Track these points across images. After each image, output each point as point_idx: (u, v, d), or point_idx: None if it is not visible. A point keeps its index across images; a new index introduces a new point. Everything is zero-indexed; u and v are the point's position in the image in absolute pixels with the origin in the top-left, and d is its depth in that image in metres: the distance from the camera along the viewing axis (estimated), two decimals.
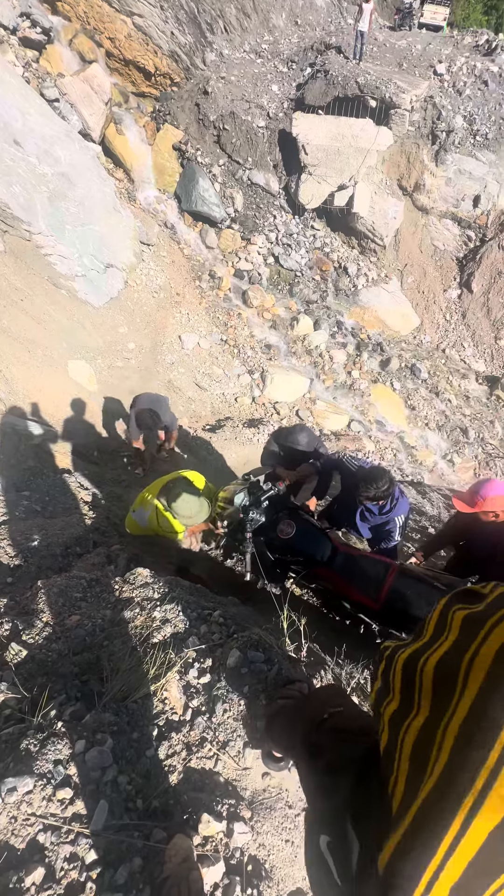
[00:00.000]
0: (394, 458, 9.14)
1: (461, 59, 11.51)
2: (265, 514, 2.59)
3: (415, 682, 0.57)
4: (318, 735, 1.01)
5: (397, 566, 2.35)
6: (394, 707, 0.61)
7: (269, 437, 3.29)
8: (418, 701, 0.55)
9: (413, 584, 2.24)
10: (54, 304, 7.17)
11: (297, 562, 2.56)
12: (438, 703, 0.52)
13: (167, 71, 10.88)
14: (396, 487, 2.57)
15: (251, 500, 2.61)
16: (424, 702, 0.54)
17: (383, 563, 2.40)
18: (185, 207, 10.85)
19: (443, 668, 0.53)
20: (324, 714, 1.05)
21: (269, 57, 12.24)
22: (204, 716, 1.58)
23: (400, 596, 2.20)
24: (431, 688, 0.54)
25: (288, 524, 2.56)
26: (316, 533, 2.58)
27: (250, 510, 2.56)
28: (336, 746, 0.93)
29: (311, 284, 11.17)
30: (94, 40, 10.08)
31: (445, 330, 11.43)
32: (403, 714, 0.57)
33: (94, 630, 1.98)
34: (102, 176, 8.82)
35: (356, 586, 2.34)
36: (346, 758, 0.85)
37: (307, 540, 2.53)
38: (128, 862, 1.15)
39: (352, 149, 10.44)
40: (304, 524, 2.60)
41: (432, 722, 0.51)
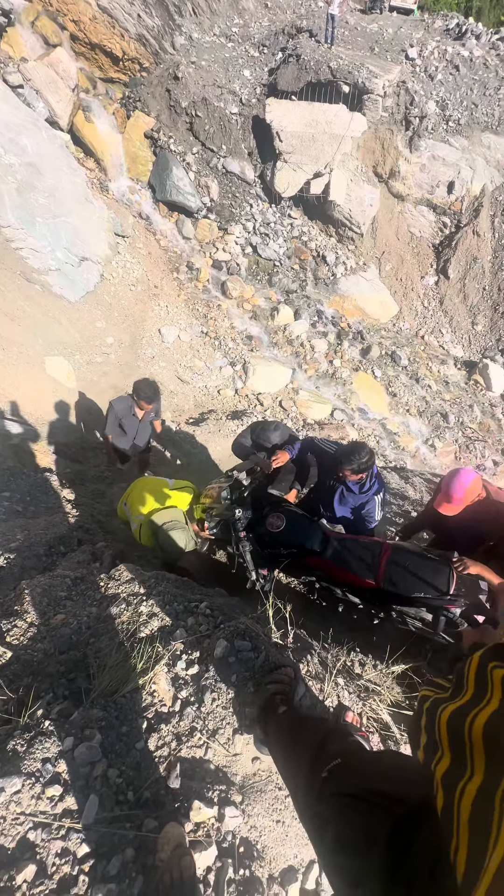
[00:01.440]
0: (377, 445, 9.25)
1: (432, 43, 11.49)
2: (250, 510, 2.58)
3: (464, 742, 0.56)
4: (318, 804, 0.92)
5: (389, 544, 2.39)
6: (445, 765, 0.59)
7: (245, 429, 3.28)
8: (471, 763, 0.54)
9: (408, 557, 2.27)
10: (28, 300, 6.98)
11: (289, 554, 2.55)
12: (493, 766, 0.51)
13: (135, 55, 10.57)
14: (375, 466, 2.60)
15: (235, 498, 2.59)
16: (478, 764, 0.53)
17: (375, 542, 2.43)
18: (160, 197, 10.63)
19: (493, 728, 0.52)
20: (321, 772, 0.96)
21: (240, 41, 12.00)
22: (193, 706, 1.59)
23: (397, 571, 2.23)
24: (483, 750, 0.53)
25: (277, 517, 2.54)
26: (306, 523, 2.58)
27: (236, 508, 2.55)
28: (343, 817, 0.84)
29: (291, 274, 11.12)
30: (58, 23, 9.71)
31: (424, 316, 11.55)
32: (456, 775, 0.55)
33: (79, 628, 1.96)
34: (72, 166, 8.57)
35: (352, 570, 2.35)
36: (361, 834, 0.76)
37: (298, 531, 2.52)
38: (120, 853, 1.16)
39: (326, 135, 10.36)
40: (293, 515, 2.60)
41: (489, 786, 0.50)
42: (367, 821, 0.78)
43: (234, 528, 2.55)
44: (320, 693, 1.65)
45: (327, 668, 1.78)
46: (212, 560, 3.09)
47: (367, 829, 0.76)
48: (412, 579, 2.18)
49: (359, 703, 1.69)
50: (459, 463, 9.65)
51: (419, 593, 2.14)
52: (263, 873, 1.24)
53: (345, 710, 1.60)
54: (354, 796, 0.85)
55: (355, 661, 1.98)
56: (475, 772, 0.53)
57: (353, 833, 0.78)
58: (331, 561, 2.40)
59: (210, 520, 2.60)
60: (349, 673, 1.84)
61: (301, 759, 1.07)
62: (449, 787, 0.56)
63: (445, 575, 2.10)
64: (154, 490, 2.96)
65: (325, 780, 0.93)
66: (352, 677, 1.83)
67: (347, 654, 1.97)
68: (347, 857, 0.77)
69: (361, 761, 1.04)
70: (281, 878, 1.26)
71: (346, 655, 1.92)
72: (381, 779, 0.95)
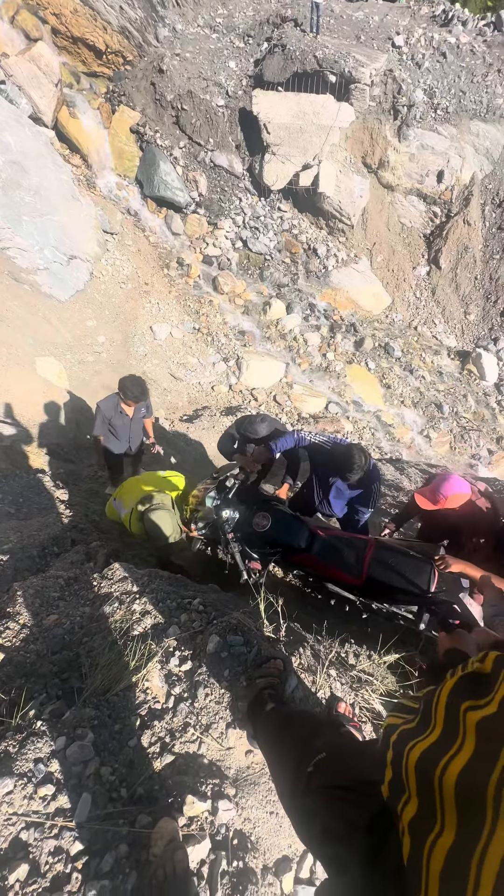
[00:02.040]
0: (372, 437, 9.27)
1: (419, 30, 11.37)
2: (238, 510, 2.61)
3: (434, 791, 0.53)
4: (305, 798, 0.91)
5: (374, 541, 2.42)
6: (412, 812, 0.57)
7: (232, 424, 3.28)
8: (441, 816, 0.52)
9: (391, 556, 2.31)
10: (17, 300, 6.92)
11: (275, 552, 2.57)
12: (466, 825, 0.48)
13: (119, 48, 10.42)
14: (371, 460, 2.62)
15: (221, 499, 2.61)
16: (448, 819, 0.50)
17: (360, 540, 2.47)
18: (148, 193, 10.53)
19: (466, 784, 0.49)
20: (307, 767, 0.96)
21: (225, 31, 11.84)
22: (186, 702, 1.60)
23: (380, 569, 2.27)
24: (455, 805, 0.50)
25: (263, 517, 2.58)
26: (291, 521, 2.61)
27: (223, 509, 2.56)
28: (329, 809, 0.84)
29: (282, 268, 11.06)
30: (38, 16, 9.54)
31: (416, 307, 11.53)
32: (425, 825, 0.53)
33: (72, 628, 1.97)
34: (58, 163, 8.45)
35: (337, 566, 2.39)
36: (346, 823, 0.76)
37: (283, 529, 2.55)
38: (113, 849, 1.17)
39: (314, 126, 10.27)
40: (279, 514, 2.63)
41: (462, 847, 0.48)
42: (353, 809, 0.77)
43: (222, 529, 2.58)
44: (313, 685, 1.65)
45: (320, 659, 1.79)
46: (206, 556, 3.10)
47: (351, 817, 0.76)
48: (394, 577, 2.21)
49: (351, 693, 1.70)
50: (455, 453, 9.69)
51: (401, 591, 2.18)
52: (257, 864, 1.25)
53: (337, 701, 1.60)
54: (341, 787, 0.85)
55: (349, 652, 1.99)
56: (445, 827, 0.50)
57: (340, 823, 0.78)
58: (317, 558, 2.44)
59: (197, 521, 2.61)
60: (342, 664, 1.85)
61: (288, 757, 1.07)
62: (417, 836, 0.54)
63: (427, 574, 2.15)
64: (143, 480, 2.97)
65: (311, 774, 0.93)
66: (345, 668, 1.84)
67: (341, 646, 1.98)
68: (335, 847, 0.78)
69: (347, 753, 1.04)
70: (275, 868, 1.27)
71: (339, 647, 1.92)
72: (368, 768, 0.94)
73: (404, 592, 2.18)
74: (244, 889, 1.18)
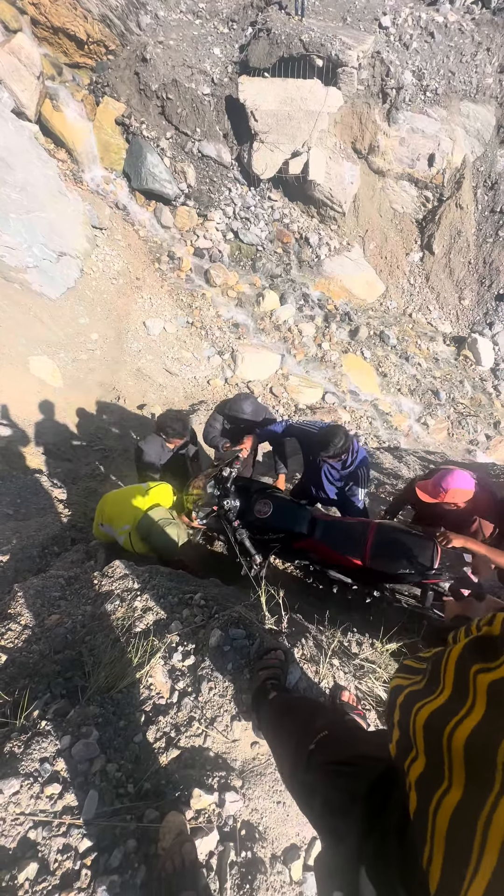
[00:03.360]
0: (369, 426, 9.26)
1: (406, 9, 11.15)
2: (238, 499, 2.62)
3: (442, 750, 0.53)
4: (306, 773, 0.92)
5: (375, 523, 2.43)
6: (419, 769, 0.57)
7: (213, 411, 3.25)
8: (448, 774, 0.52)
9: (393, 535, 2.33)
10: (7, 299, 6.84)
11: (279, 538, 2.58)
12: (473, 783, 0.49)
13: (100, 38, 10.20)
14: (354, 441, 2.63)
15: (220, 491, 2.62)
16: (457, 777, 0.51)
17: (361, 522, 2.48)
18: (136, 186, 10.37)
19: (476, 745, 0.50)
20: (309, 745, 0.96)
21: (208, 17, 11.59)
22: (190, 696, 1.60)
23: (383, 549, 2.28)
24: (463, 765, 0.51)
25: (264, 503, 2.59)
26: (293, 507, 2.62)
27: (223, 500, 2.57)
28: (330, 783, 0.85)
29: (274, 258, 10.95)
30: (17, 7, 9.32)
31: (410, 294, 11.46)
32: (432, 782, 0.54)
33: (74, 627, 1.96)
34: (43, 157, 8.31)
35: (340, 549, 2.40)
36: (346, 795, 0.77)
37: (285, 515, 2.56)
38: (121, 845, 1.17)
39: (302, 112, 10.10)
40: (280, 500, 2.63)
41: (469, 804, 0.48)
42: (352, 782, 0.79)
43: (227, 518, 2.58)
44: (316, 675, 1.66)
45: (322, 649, 1.79)
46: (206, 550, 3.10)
47: (350, 790, 0.77)
48: (397, 556, 2.22)
49: (354, 682, 1.70)
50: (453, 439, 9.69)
51: (405, 570, 2.18)
52: (266, 853, 1.26)
53: (340, 690, 1.61)
54: (341, 762, 0.86)
55: (352, 641, 2.00)
56: (453, 784, 0.51)
57: (340, 795, 0.79)
58: (319, 542, 2.44)
59: (198, 510, 2.62)
60: (345, 653, 1.86)
61: (289, 738, 1.08)
62: (423, 792, 0.55)
63: (430, 550, 2.15)
64: (130, 497, 2.75)
65: (313, 751, 0.94)
66: (348, 657, 1.84)
67: (343, 635, 1.98)
68: (335, 818, 0.79)
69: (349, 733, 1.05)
70: (283, 856, 1.28)
71: (341, 636, 1.93)
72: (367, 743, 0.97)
73: (408, 570, 2.19)
74: (253, 878, 1.19)
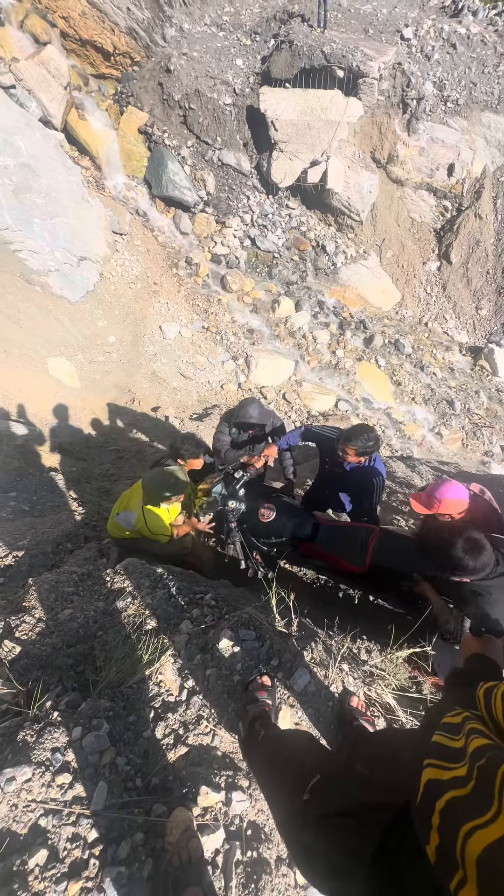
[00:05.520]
0: (382, 434, 9.20)
1: (428, 21, 11.22)
2: (244, 502, 2.63)
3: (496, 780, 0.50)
4: (303, 832, 0.84)
5: (378, 529, 2.38)
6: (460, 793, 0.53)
7: (219, 422, 3.23)
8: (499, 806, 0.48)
9: (396, 542, 2.28)
10: (28, 302, 7.01)
11: (280, 543, 2.58)
12: None
13: (126, 50, 10.47)
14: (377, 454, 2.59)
15: (228, 491, 2.64)
16: None
17: (364, 528, 2.43)
18: (157, 193, 10.57)
19: None
20: (302, 795, 0.88)
21: (232, 29, 11.82)
22: (199, 695, 1.61)
23: (384, 555, 2.23)
24: None
25: (268, 507, 2.59)
26: (296, 511, 2.62)
27: (228, 500, 2.59)
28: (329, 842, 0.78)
29: (290, 265, 11.02)
30: (47, 20, 9.63)
31: (427, 303, 11.40)
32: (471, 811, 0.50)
33: (87, 622, 1.99)
34: (67, 165, 8.54)
35: (341, 555, 2.36)
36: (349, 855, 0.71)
37: (288, 520, 2.55)
38: (129, 837, 1.19)
39: (322, 122, 10.20)
40: (284, 505, 2.64)
41: None
42: (354, 838, 0.73)
43: (226, 519, 2.62)
44: (325, 679, 1.66)
45: (332, 654, 1.79)
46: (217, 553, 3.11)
47: (352, 847, 0.71)
48: (398, 562, 2.18)
49: (363, 687, 1.69)
50: (467, 450, 9.56)
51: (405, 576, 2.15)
52: (271, 855, 1.26)
53: (350, 695, 1.60)
54: (340, 815, 0.80)
55: (361, 647, 1.99)
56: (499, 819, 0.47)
57: (341, 855, 0.74)
58: (320, 547, 2.42)
59: (204, 513, 2.65)
60: (354, 659, 1.85)
61: (282, 787, 1.01)
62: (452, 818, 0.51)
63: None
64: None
65: (308, 802, 0.87)
66: (357, 663, 1.84)
67: (353, 641, 1.97)
68: (339, 882, 0.73)
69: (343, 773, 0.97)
70: (289, 859, 1.28)
71: (351, 642, 1.92)
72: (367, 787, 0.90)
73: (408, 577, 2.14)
74: (258, 879, 1.19)
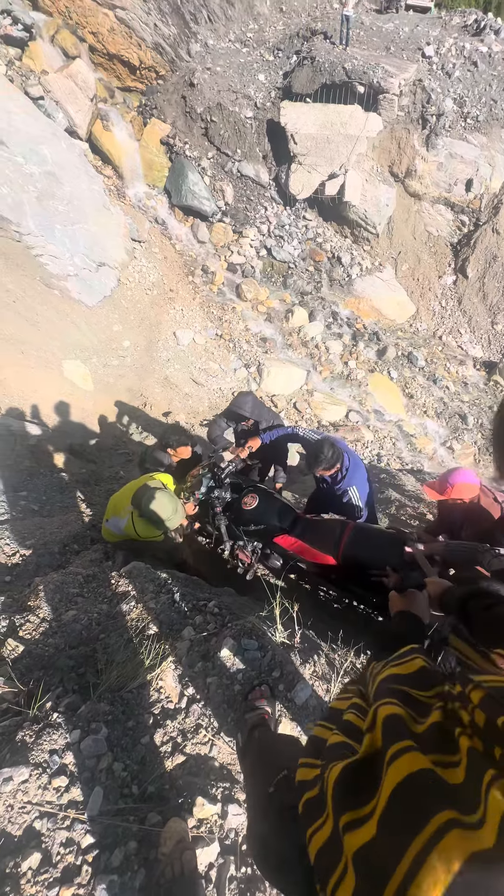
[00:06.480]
0: (393, 447, 9.12)
1: (450, 40, 11.33)
2: (229, 492, 2.71)
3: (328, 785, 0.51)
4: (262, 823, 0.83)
5: (352, 523, 2.43)
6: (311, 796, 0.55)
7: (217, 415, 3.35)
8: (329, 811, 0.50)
9: (369, 534, 2.33)
10: (47, 305, 7.15)
11: (259, 531, 2.63)
12: None
13: (152, 64, 10.76)
14: (347, 458, 2.61)
15: (214, 481, 2.75)
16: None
17: (340, 521, 2.49)
18: (176, 202, 10.77)
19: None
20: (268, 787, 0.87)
21: (255, 46, 12.08)
22: (199, 703, 1.60)
23: (355, 547, 2.27)
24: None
25: (252, 496, 2.68)
26: (278, 503, 2.68)
27: (215, 489, 2.69)
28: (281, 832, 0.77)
29: (305, 276, 11.09)
30: (77, 35, 9.96)
31: (441, 317, 11.35)
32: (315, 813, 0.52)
33: (90, 624, 2.00)
34: (90, 173, 8.75)
35: (315, 546, 2.41)
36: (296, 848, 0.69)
37: (269, 509, 2.62)
38: (123, 845, 1.18)
39: (341, 136, 10.32)
40: (267, 495, 2.71)
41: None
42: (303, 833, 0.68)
43: (212, 505, 2.70)
44: (327, 693, 1.63)
45: (335, 668, 1.76)
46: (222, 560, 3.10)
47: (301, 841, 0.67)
48: (367, 552, 2.22)
49: None
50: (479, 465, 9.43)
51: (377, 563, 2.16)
52: None
53: None
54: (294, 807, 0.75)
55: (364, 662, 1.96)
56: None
57: (290, 847, 0.71)
58: (296, 538, 2.46)
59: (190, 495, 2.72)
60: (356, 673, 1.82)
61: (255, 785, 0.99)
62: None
63: (399, 547, 2.14)
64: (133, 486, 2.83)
65: (272, 795, 0.85)
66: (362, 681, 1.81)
67: (356, 657, 1.94)
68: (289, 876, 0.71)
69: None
70: None
71: (354, 657, 1.89)
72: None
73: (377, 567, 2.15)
74: None
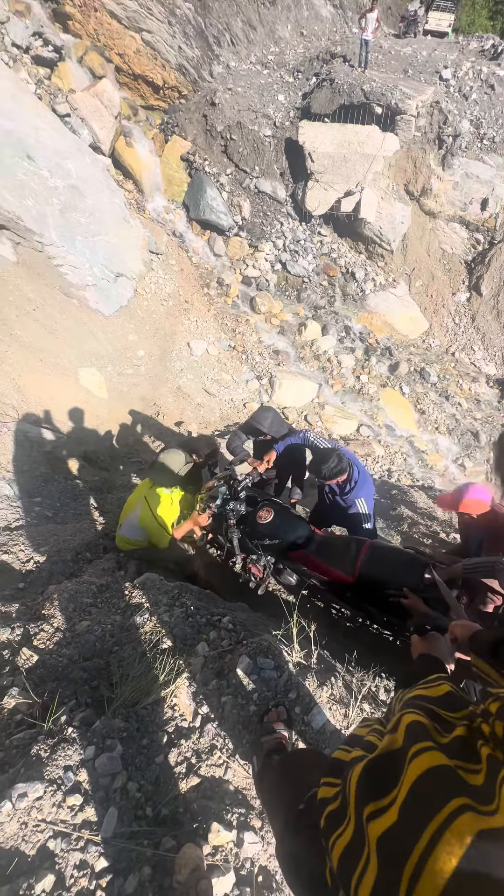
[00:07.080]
0: (404, 463, 9.05)
1: (467, 63, 11.53)
2: (244, 505, 2.70)
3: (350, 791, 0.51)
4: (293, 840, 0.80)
5: (370, 541, 2.40)
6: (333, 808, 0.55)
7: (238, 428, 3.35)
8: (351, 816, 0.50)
9: (386, 553, 2.31)
10: (65, 314, 7.28)
11: (273, 546, 2.61)
12: None
13: (175, 84, 11.08)
14: (356, 470, 2.62)
15: (230, 493, 2.73)
16: None
17: (356, 539, 2.47)
18: (194, 216, 10.98)
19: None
20: (299, 804, 0.84)
21: (275, 67, 12.40)
22: (213, 722, 1.57)
23: (372, 566, 2.25)
24: None
25: (267, 510, 2.66)
26: (293, 517, 2.67)
27: (229, 501, 2.68)
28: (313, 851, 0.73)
29: (319, 290, 11.18)
30: (104, 56, 10.32)
31: (455, 333, 11.34)
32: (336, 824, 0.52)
33: (104, 636, 1.98)
34: (112, 187, 8.97)
35: (330, 563, 2.39)
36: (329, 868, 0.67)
37: (284, 524, 2.61)
38: (137, 871, 1.14)
39: (358, 155, 10.48)
40: (283, 510, 2.70)
41: None
42: None
43: (226, 517, 2.67)
44: (345, 718, 1.59)
45: (352, 692, 1.72)
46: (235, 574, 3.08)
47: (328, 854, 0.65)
48: (385, 571, 2.20)
49: None
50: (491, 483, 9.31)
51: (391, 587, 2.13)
52: None
53: None
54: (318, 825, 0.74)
55: (380, 686, 1.91)
56: None
57: (324, 868, 0.69)
58: (312, 555, 2.45)
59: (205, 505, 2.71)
60: (374, 699, 1.78)
61: (281, 802, 0.96)
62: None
63: (417, 567, 2.12)
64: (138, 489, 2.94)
65: (302, 812, 0.83)
66: (377, 704, 1.76)
67: (373, 680, 1.90)
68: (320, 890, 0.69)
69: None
70: None
71: (371, 681, 1.85)
72: None
73: (394, 587, 2.13)
74: None
